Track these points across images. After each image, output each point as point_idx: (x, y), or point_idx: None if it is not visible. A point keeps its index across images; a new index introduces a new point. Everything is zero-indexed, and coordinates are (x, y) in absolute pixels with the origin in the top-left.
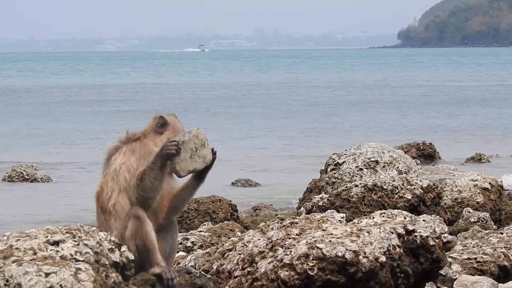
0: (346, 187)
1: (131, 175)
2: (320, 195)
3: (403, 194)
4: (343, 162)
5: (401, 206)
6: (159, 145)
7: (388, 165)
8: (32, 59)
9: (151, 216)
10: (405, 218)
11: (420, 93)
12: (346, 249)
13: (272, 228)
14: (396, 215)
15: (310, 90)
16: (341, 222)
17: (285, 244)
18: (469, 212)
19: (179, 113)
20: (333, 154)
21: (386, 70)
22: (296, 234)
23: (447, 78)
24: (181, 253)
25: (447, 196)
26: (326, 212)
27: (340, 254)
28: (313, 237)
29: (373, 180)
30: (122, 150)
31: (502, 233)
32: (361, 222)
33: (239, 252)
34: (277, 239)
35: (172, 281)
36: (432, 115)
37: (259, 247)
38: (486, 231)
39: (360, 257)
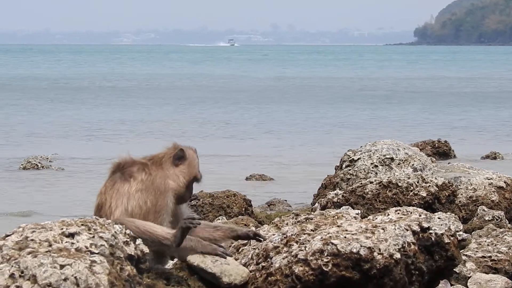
0: (361, 183)
1: (146, 210)
2: (335, 191)
3: (418, 192)
4: (358, 158)
5: (415, 203)
6: (172, 178)
7: (403, 162)
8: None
9: None
10: (420, 216)
11: (435, 90)
12: (361, 246)
13: (287, 224)
14: (411, 212)
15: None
16: (356, 219)
17: (300, 239)
18: (483, 210)
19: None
20: (348, 151)
21: (406, 67)
22: (311, 230)
23: (462, 76)
24: None
25: (462, 194)
26: (341, 208)
27: (354, 250)
28: (328, 233)
29: (388, 177)
30: (142, 173)
31: None
32: (376, 218)
33: (254, 247)
34: (292, 235)
35: (193, 219)
36: (447, 112)
37: (274, 242)
38: (501, 230)
39: (375, 253)
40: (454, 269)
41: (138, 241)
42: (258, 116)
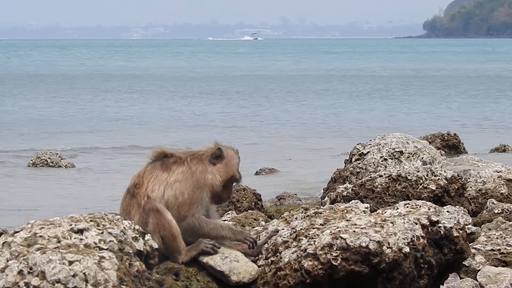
0: (371, 177)
1: (182, 201)
2: (345, 185)
3: (428, 185)
4: (368, 152)
5: (425, 196)
6: (210, 176)
7: (413, 156)
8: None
9: None
10: (429, 209)
11: (444, 83)
12: (370, 240)
13: (296, 218)
14: (420, 206)
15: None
16: (365, 213)
17: (309, 234)
18: (493, 203)
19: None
20: (357, 144)
21: (416, 60)
22: (320, 224)
23: (471, 68)
24: None
25: (471, 187)
26: (350, 202)
27: (364, 244)
28: (337, 227)
29: (398, 171)
30: (184, 164)
31: None
32: (385, 212)
33: None
34: (301, 229)
35: (214, 246)
36: (457, 105)
37: (283, 237)
38: (510, 223)
39: (384, 247)
40: (463, 263)
41: (147, 236)
42: (279, 108)
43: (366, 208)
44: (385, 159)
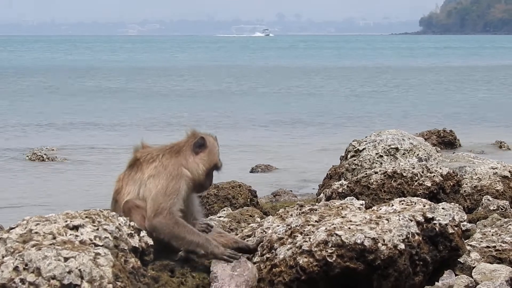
0: (366, 174)
1: (156, 192)
2: (340, 182)
3: (423, 182)
4: (363, 149)
5: (420, 193)
6: (191, 166)
7: (408, 152)
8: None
9: None
10: (424, 206)
11: (440, 79)
12: (365, 236)
13: (292, 215)
14: (415, 203)
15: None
16: (360, 209)
17: (304, 230)
18: (488, 200)
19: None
20: (353, 141)
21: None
22: (315, 221)
23: (469, 64)
24: None
25: (466, 184)
26: (346, 199)
27: (359, 241)
28: (332, 224)
29: (393, 167)
30: (155, 160)
31: None
32: (380, 209)
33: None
34: (296, 226)
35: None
36: (453, 101)
37: (278, 234)
38: (506, 219)
39: (379, 244)
40: (458, 260)
41: (143, 233)
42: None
43: (361, 205)
44: (381, 156)
